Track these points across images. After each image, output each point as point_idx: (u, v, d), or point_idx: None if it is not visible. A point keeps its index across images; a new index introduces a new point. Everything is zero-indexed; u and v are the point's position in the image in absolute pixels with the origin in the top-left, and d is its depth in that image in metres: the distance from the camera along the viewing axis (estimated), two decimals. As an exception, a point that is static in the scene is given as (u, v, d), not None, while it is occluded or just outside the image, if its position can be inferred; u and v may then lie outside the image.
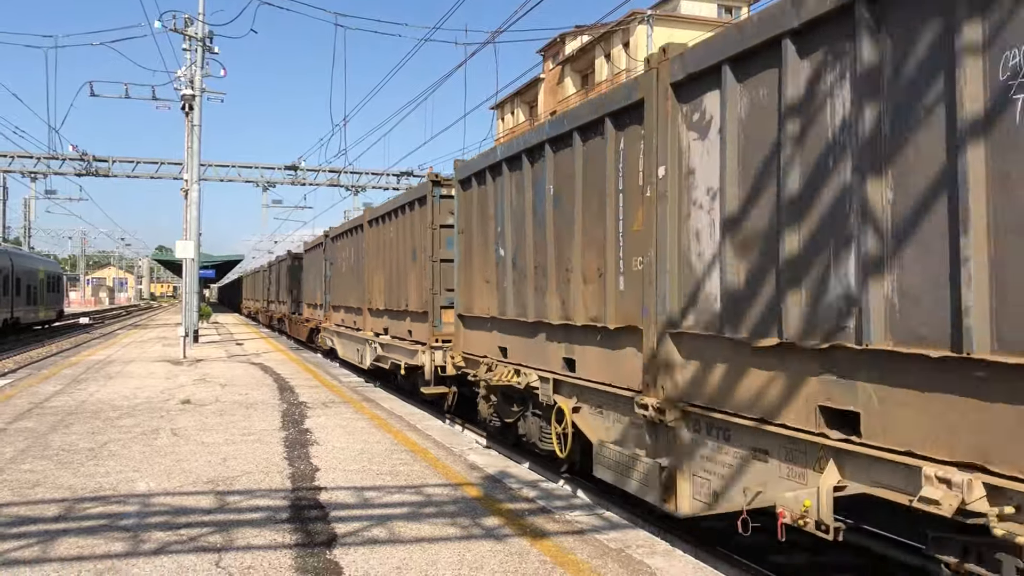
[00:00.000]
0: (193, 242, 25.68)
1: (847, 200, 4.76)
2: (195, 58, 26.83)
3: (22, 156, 38.74)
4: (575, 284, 8.14)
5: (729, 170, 5.82)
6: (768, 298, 5.43)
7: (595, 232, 7.79)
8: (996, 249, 3.94)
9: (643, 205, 6.89)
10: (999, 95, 3.92)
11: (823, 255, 4.95)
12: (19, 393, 13.73)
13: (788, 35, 5.23)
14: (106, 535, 5.79)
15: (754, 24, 5.55)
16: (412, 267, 15.06)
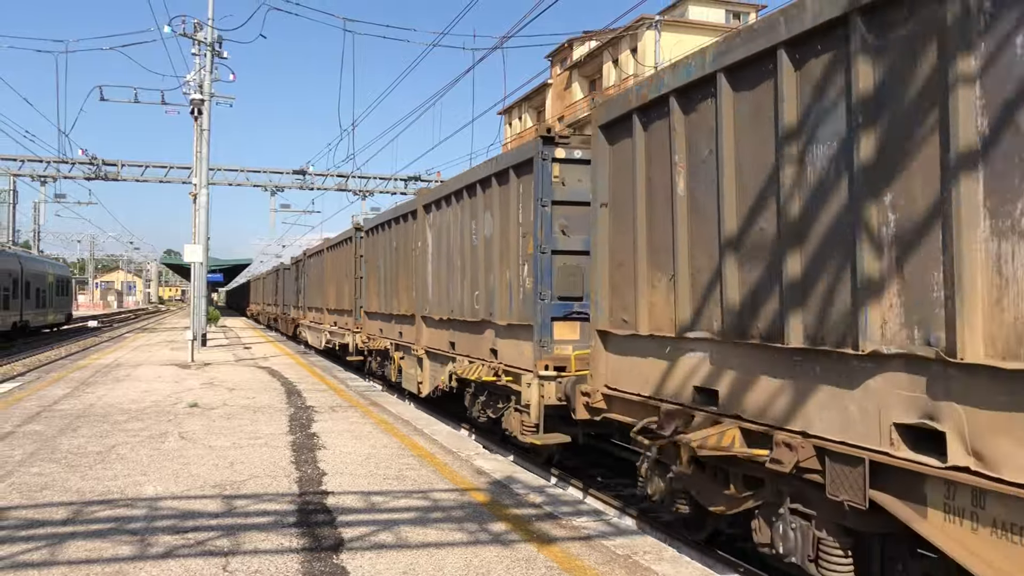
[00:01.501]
0: (201, 246, 25.77)
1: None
2: (204, 63, 26.94)
3: (32, 160, 38.94)
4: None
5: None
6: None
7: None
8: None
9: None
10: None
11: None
12: (28, 396, 13.79)
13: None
14: (114, 538, 5.80)
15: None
16: (346, 281, 22.84)
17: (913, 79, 4.35)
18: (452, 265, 13.13)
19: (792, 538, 5.39)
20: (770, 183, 5.47)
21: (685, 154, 6.51)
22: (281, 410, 12.44)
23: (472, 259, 12.14)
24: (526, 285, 10.15)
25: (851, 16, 4.69)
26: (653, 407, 6.77)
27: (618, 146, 7.62)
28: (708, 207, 6.17)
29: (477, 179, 11.72)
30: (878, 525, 4.81)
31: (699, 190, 6.30)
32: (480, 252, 11.80)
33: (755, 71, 5.62)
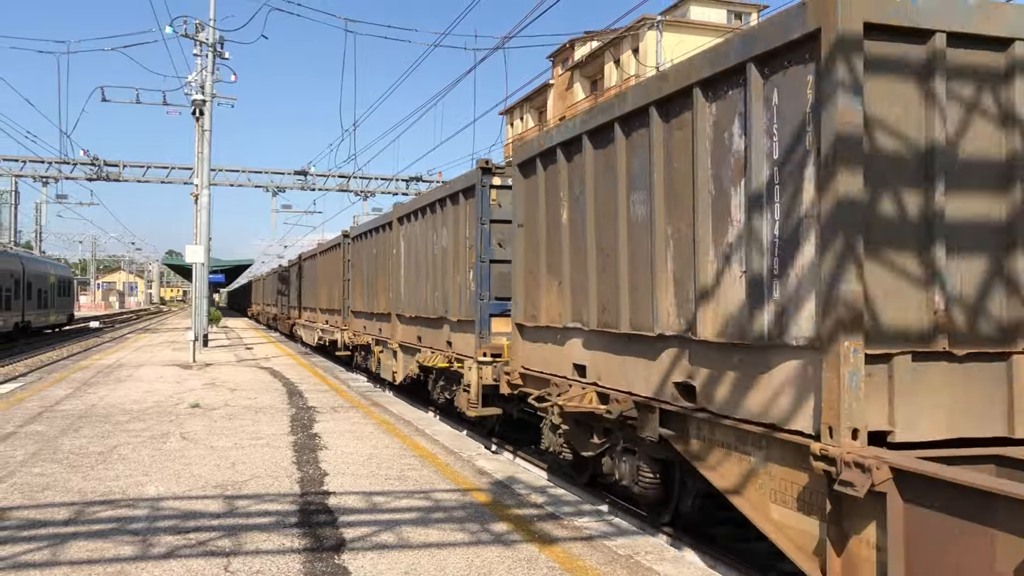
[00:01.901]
0: (203, 246, 25.79)
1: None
2: (206, 63, 26.96)
3: (34, 161, 38.96)
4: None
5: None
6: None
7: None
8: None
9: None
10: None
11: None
12: (30, 397, 13.80)
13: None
14: (116, 539, 5.81)
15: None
16: (336, 283, 24.39)
17: (681, 158, 6.53)
18: (419, 270, 15.13)
19: (624, 468, 7.75)
20: (613, 218, 7.56)
21: (568, 192, 8.62)
22: (283, 410, 12.45)
23: (433, 265, 14.12)
24: (471, 288, 12.11)
25: (649, 107, 6.85)
26: (549, 380, 8.89)
27: (528, 180, 9.70)
28: (580, 232, 8.32)
29: (436, 199, 13.87)
30: (670, 454, 6.93)
31: (575, 219, 8.47)
32: (439, 260, 13.79)
33: (604, 136, 7.72)
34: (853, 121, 4.78)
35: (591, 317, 7.99)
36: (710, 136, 6.18)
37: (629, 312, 7.29)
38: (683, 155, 6.53)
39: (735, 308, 5.81)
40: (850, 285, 4.77)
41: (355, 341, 21.55)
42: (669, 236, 6.73)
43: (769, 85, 5.53)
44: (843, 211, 4.79)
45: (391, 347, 17.15)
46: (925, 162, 5.00)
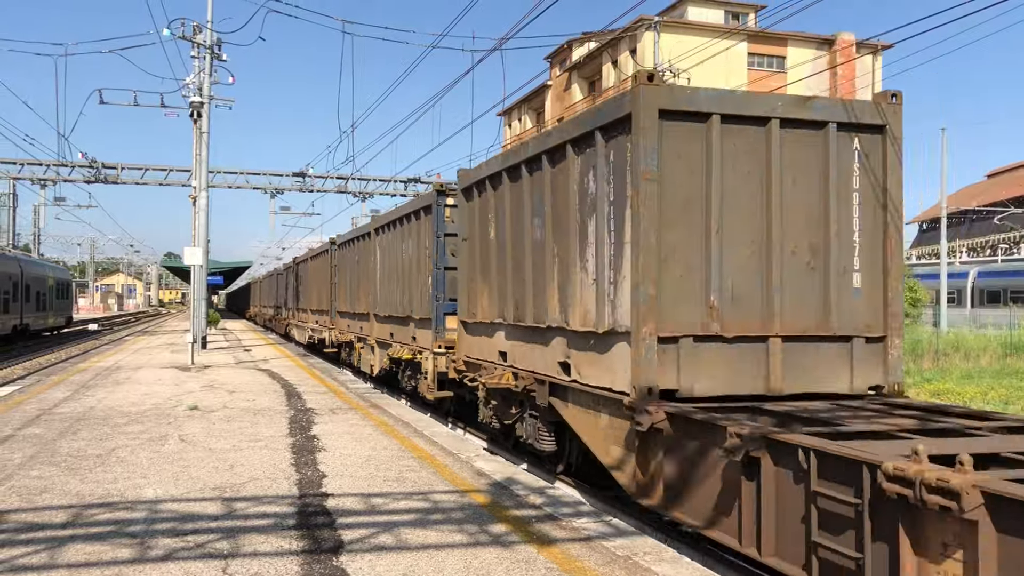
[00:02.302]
0: (201, 248, 25.77)
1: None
2: (203, 65, 26.95)
3: (32, 163, 38.93)
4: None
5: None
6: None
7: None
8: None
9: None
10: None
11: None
12: (28, 399, 13.78)
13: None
14: (113, 541, 5.80)
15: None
16: (324, 286, 26.69)
17: (561, 195, 8.74)
18: (391, 275, 17.26)
19: (530, 430, 9.92)
20: (522, 237, 9.85)
21: (494, 214, 10.86)
22: (281, 412, 12.44)
23: (402, 271, 16.28)
24: (430, 290, 14.11)
25: (542, 155, 9.18)
26: (482, 365, 11.26)
27: (469, 203, 11.91)
28: (502, 247, 10.55)
29: (404, 214, 16.16)
30: (557, 416, 8.99)
31: (499, 237, 10.67)
32: (406, 266, 15.96)
33: (516, 173, 10.06)
34: (651, 175, 7.09)
35: (509, 314, 10.33)
36: (577, 180, 8.43)
37: (532, 310, 9.59)
38: (562, 193, 8.73)
39: (591, 306, 8.06)
40: (648, 290, 7.07)
41: (340, 339, 23.47)
42: (555, 254, 8.98)
43: (607, 147, 7.77)
44: (644, 238, 7.09)
45: (369, 343, 19.33)
46: (704, 202, 7.28)
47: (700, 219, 7.31)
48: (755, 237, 7.45)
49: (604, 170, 7.82)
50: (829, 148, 7.65)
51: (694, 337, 7.19)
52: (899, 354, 7.94)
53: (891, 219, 7.82)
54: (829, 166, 7.65)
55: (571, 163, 8.47)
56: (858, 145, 7.82)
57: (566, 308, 8.63)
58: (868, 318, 7.81)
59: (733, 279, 7.36)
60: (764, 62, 45.91)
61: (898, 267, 7.91)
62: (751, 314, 7.39)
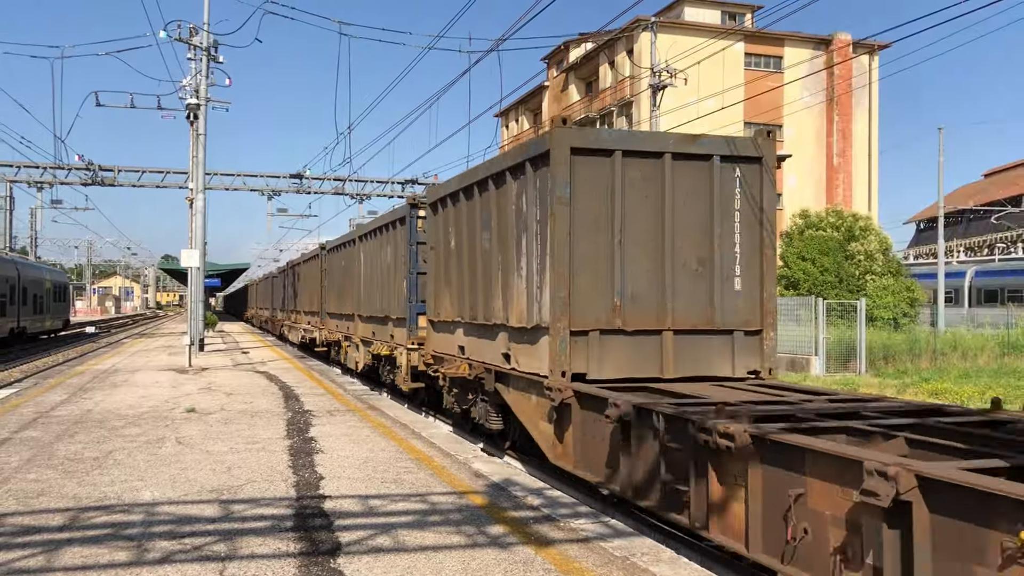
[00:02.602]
0: (198, 251, 25.73)
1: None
2: (200, 67, 26.91)
3: (28, 166, 38.83)
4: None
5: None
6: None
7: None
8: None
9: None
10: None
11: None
12: (25, 403, 13.76)
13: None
14: (111, 544, 5.79)
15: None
16: (315, 289, 28.22)
17: (504, 213, 10.39)
18: (373, 279, 18.85)
19: (482, 412, 11.34)
20: (475, 247, 11.50)
21: (455, 227, 12.44)
22: (279, 414, 12.43)
23: (382, 275, 17.83)
24: (404, 293, 15.74)
25: (488, 179, 10.84)
26: (446, 359, 12.83)
27: (436, 216, 13.51)
28: (461, 255, 12.11)
29: (383, 223, 17.94)
30: (502, 400, 10.54)
31: (459, 246, 12.23)
32: (386, 271, 17.50)
33: (470, 192, 11.66)
34: (563, 200, 8.79)
35: (466, 314, 11.85)
36: (514, 201, 10.02)
37: (483, 309, 11.17)
38: (504, 211, 10.34)
39: (524, 306, 9.71)
40: (562, 293, 8.76)
41: (330, 338, 25.29)
42: (500, 263, 10.52)
43: (535, 175, 9.39)
44: (559, 250, 8.77)
45: (355, 341, 21.00)
46: (610, 221, 8.95)
47: (607, 234, 8.98)
48: (653, 249, 9.12)
49: (533, 194, 9.45)
50: (714, 176, 9.26)
51: (601, 331, 8.93)
52: (773, 344, 9.51)
53: (766, 234, 9.45)
54: (714, 190, 9.26)
55: (510, 187, 10.13)
56: (739, 173, 9.39)
57: (507, 308, 10.28)
58: (747, 315, 9.39)
59: (634, 283, 9.06)
60: (761, 62, 45.93)
61: (772, 273, 9.54)
62: (648, 312, 9.10)
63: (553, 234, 8.81)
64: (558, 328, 8.72)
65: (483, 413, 11.37)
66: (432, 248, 13.67)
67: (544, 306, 9.04)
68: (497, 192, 10.65)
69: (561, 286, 8.75)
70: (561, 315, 8.72)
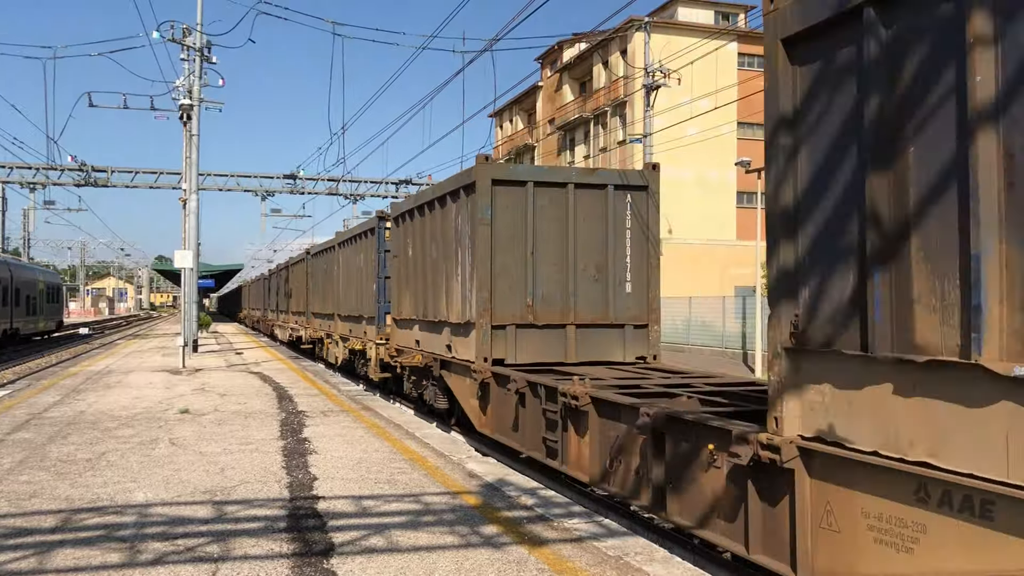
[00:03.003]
0: (192, 252, 25.69)
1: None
2: (193, 68, 26.86)
3: (21, 167, 38.72)
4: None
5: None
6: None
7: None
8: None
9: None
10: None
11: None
12: (17, 404, 13.71)
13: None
14: (103, 546, 5.77)
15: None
16: (301, 290, 30.72)
17: (446, 228, 12.66)
18: (350, 282, 21.33)
19: (432, 395, 13.36)
20: (426, 256, 13.67)
21: (412, 238, 14.69)
22: (272, 415, 12.41)
23: (357, 279, 20.24)
24: (374, 295, 18.08)
25: (435, 200, 13.12)
26: (405, 351, 15.05)
27: (398, 228, 15.79)
28: (415, 262, 14.48)
29: (356, 233, 20.58)
30: (446, 383, 12.61)
31: (415, 255, 14.42)
32: (360, 275, 19.86)
33: (421, 210, 13.99)
34: (485, 221, 11.03)
35: (421, 312, 14.09)
36: (453, 220, 12.25)
37: (432, 309, 13.40)
38: (447, 227, 12.57)
39: (459, 306, 11.98)
40: (485, 294, 11.07)
41: (314, 336, 27.82)
42: (444, 269, 12.68)
43: (467, 199, 11.57)
44: (481, 262, 11.07)
45: (335, 338, 23.50)
46: (524, 237, 11.21)
47: (522, 248, 11.24)
48: (559, 259, 11.40)
49: (465, 215, 11.71)
50: (608, 201, 11.49)
51: (517, 325, 11.25)
52: (657, 335, 11.72)
53: (651, 247, 11.76)
54: (608, 213, 11.47)
55: (450, 208, 12.43)
56: (629, 199, 11.60)
57: (449, 307, 12.52)
58: (636, 312, 11.63)
59: (543, 287, 11.34)
60: (755, 62, 45.99)
61: (656, 278, 11.71)
62: (555, 309, 11.41)
63: (478, 248, 11.07)
64: (482, 323, 11.04)
65: (432, 395, 13.46)
66: (395, 256, 15.97)
67: (472, 305, 11.29)
68: (441, 212, 12.88)
69: (484, 289, 11.04)
70: (484, 312, 11.05)
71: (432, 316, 13.28)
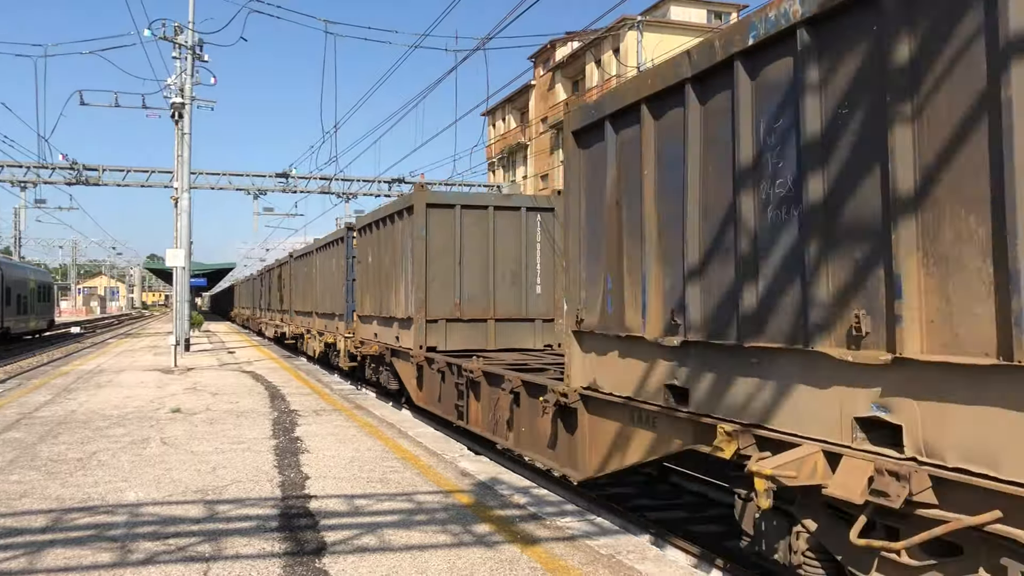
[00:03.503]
0: (184, 250, 25.60)
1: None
2: (185, 66, 26.77)
3: (11, 165, 38.48)
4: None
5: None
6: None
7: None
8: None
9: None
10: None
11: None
12: (8, 403, 13.65)
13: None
14: (94, 545, 5.75)
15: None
16: (284, 290, 33.49)
17: (396, 242, 15.39)
18: (324, 284, 24.16)
19: (386, 378, 16.09)
20: (382, 262, 16.24)
21: (371, 248, 17.05)
22: (264, 414, 12.38)
23: (331, 281, 23.06)
24: (344, 295, 20.50)
25: (386, 217, 16.07)
26: (367, 343, 17.40)
27: (361, 238, 18.28)
28: (375, 269, 16.73)
29: (330, 240, 23.32)
30: (395, 369, 15.55)
31: (373, 260, 16.90)
32: (332, 278, 22.73)
33: (378, 224, 16.64)
34: (421, 237, 13.48)
35: (378, 309, 16.63)
36: (401, 233, 14.76)
37: (386, 307, 15.90)
38: (397, 240, 15.07)
39: (404, 304, 14.46)
40: (421, 295, 13.45)
41: (295, 332, 30.26)
42: (394, 274, 15.22)
43: (409, 219, 14.03)
44: (419, 269, 13.48)
45: (313, 333, 26.00)
46: (454, 248, 13.61)
47: (451, 258, 13.72)
48: (481, 267, 13.83)
49: (407, 231, 14.27)
50: (522, 220, 13.96)
51: (447, 319, 13.72)
52: (561, 328, 13.23)
53: (558, 257, 13.33)
54: (522, 230, 13.94)
55: (398, 224, 15.10)
56: (540, 219, 14.05)
57: (397, 305, 15.06)
58: (544, 309, 14.04)
59: (469, 289, 13.76)
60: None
61: (560, 282, 13.06)
62: (478, 307, 13.87)
63: (416, 258, 13.60)
64: (419, 318, 13.63)
65: (386, 379, 16.20)
66: (359, 262, 18.67)
67: (412, 304, 13.86)
68: (391, 227, 15.62)
69: (421, 291, 13.55)
70: (420, 309, 13.60)
71: (386, 313, 15.97)
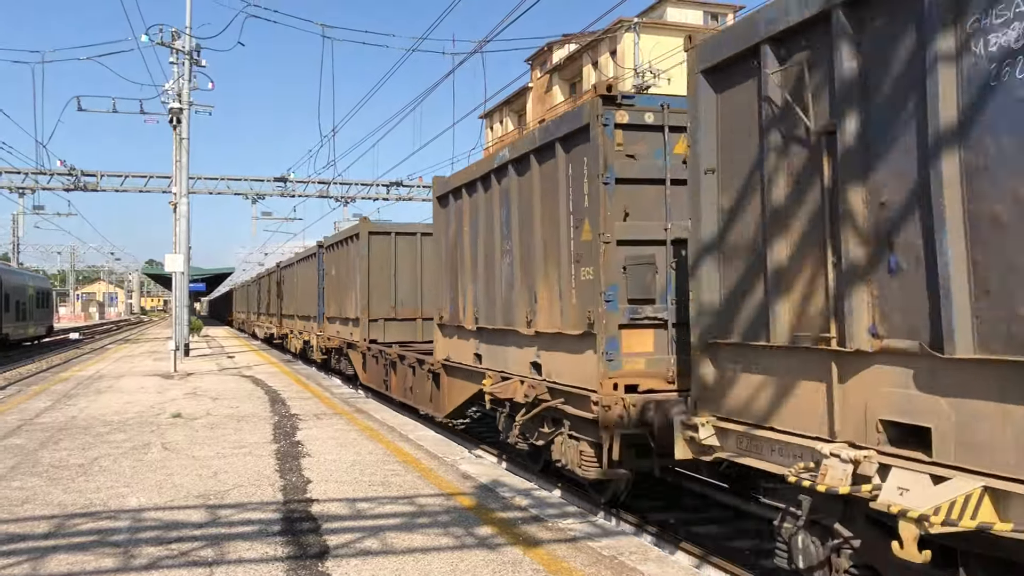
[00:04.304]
0: (183, 255, 25.61)
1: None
2: (182, 71, 26.80)
3: (9, 172, 38.46)
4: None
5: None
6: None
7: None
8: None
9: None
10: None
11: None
12: (8, 410, 13.65)
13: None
14: (97, 551, 5.76)
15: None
16: (275, 296, 36.58)
17: (349, 258, 20.02)
18: (306, 289, 27.19)
19: (344, 364, 21.27)
20: (341, 276, 21.28)
21: (333, 263, 22.84)
22: (265, 419, 12.38)
23: (308, 288, 26.34)
24: (316, 300, 24.24)
25: (345, 240, 20.41)
26: (333, 339, 21.95)
27: (328, 254, 23.46)
28: (336, 279, 22.20)
29: (307, 255, 26.91)
30: (350, 357, 20.25)
31: (336, 274, 22.10)
32: (310, 285, 25.81)
33: (339, 245, 21.54)
34: (364, 257, 18.26)
35: (338, 312, 20.48)
36: (353, 254, 18.96)
37: (343, 309, 19.86)
38: (350, 258, 19.44)
39: (354, 307, 18.88)
40: (364, 300, 18.17)
41: (282, 332, 34.17)
42: (348, 284, 19.63)
43: (356, 243, 18.67)
44: (362, 282, 18.27)
45: (295, 333, 29.77)
46: (391, 266, 18.55)
47: (389, 273, 17.92)
48: (412, 279, 18.03)
49: (355, 251, 18.50)
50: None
51: (385, 319, 18.02)
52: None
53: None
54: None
55: (350, 245, 19.19)
56: None
57: (352, 308, 18.76)
58: None
59: (402, 295, 18.09)
60: (744, 62, 46.14)
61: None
62: (409, 309, 18.09)
63: (361, 272, 17.99)
64: (364, 318, 17.93)
65: (344, 366, 20.27)
66: (327, 274, 22.82)
67: (359, 307, 18.16)
68: (347, 247, 19.78)
69: (364, 297, 17.91)
70: (364, 311, 17.96)
71: (343, 314, 20.18)
